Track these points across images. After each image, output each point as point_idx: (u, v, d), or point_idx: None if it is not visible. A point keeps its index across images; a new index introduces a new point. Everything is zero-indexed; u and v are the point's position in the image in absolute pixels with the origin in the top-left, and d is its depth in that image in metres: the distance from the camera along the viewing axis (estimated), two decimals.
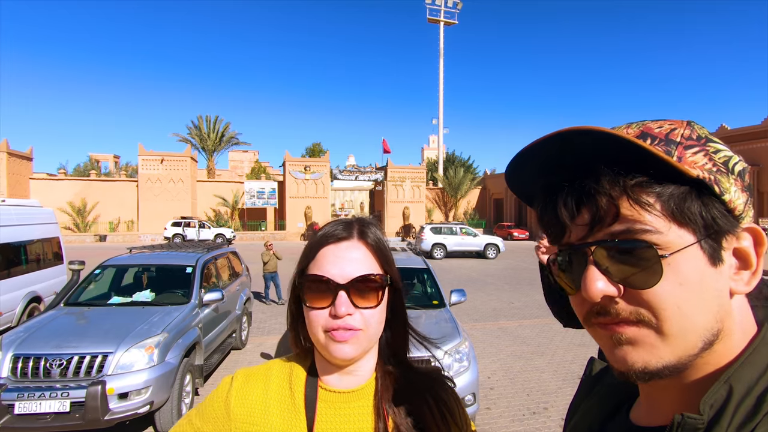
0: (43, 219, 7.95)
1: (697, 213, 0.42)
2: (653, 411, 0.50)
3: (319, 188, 33.49)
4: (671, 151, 0.44)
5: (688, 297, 0.42)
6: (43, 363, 3.71)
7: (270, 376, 0.83)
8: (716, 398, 0.41)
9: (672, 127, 0.46)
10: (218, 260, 6.46)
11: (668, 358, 0.43)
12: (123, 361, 3.82)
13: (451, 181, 36.78)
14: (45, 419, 3.51)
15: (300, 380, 0.82)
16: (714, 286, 0.43)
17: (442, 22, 43.61)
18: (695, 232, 0.43)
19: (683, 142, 0.45)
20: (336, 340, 0.74)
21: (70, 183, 31.44)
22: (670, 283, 0.42)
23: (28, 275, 7.19)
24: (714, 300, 0.43)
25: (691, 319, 0.42)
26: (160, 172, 31.24)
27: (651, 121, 0.48)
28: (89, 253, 14.36)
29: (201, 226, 27.07)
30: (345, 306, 0.74)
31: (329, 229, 0.82)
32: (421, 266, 5.52)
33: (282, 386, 0.81)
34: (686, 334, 0.42)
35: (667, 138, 0.45)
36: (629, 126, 0.48)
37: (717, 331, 0.43)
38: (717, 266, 0.43)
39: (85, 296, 5.16)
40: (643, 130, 0.46)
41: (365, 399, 0.80)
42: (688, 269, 0.42)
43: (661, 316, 0.42)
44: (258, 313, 8.90)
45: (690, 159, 0.44)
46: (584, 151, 0.44)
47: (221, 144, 38.47)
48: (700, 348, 0.43)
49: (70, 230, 29.39)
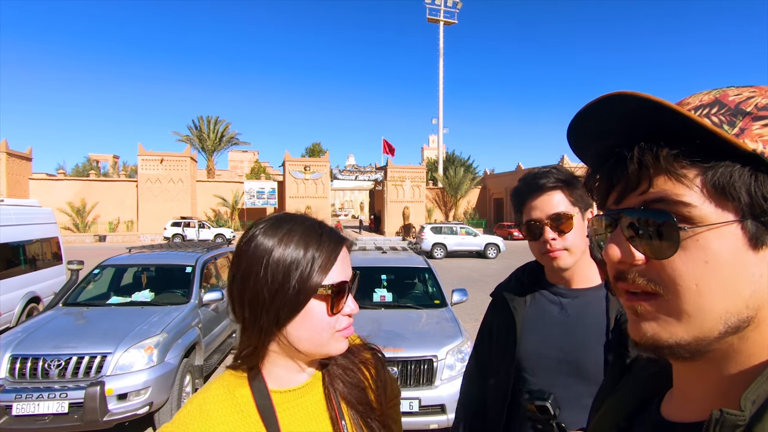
0: (42, 219, 7.91)
1: (743, 190, 0.39)
2: (687, 405, 0.47)
3: (319, 188, 33.46)
4: (735, 121, 0.41)
5: (711, 276, 0.39)
6: (42, 363, 3.67)
7: (206, 411, 0.75)
8: (759, 393, 0.38)
9: (751, 94, 0.43)
10: (218, 260, 6.43)
11: (681, 335, 0.41)
12: (122, 362, 3.78)
13: (451, 180, 36.75)
14: (43, 420, 3.47)
15: (247, 397, 0.77)
16: (749, 270, 0.40)
17: (442, 21, 43.59)
18: (737, 210, 0.39)
19: (754, 113, 0.41)
20: (344, 336, 0.81)
21: (70, 183, 31.39)
22: (692, 258, 0.40)
23: (26, 275, 7.15)
24: (746, 285, 0.40)
25: (709, 299, 0.40)
26: (159, 172, 31.20)
27: (734, 88, 0.44)
28: (88, 253, 14.32)
29: (201, 227, 27.03)
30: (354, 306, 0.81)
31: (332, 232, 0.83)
32: (422, 266, 5.49)
33: (227, 414, 0.75)
34: (703, 314, 0.40)
35: (737, 107, 0.42)
36: (708, 93, 0.45)
37: (747, 318, 0.40)
38: (759, 250, 0.40)
39: (84, 296, 5.12)
40: (717, 97, 0.43)
41: (316, 388, 0.84)
42: (719, 248, 0.39)
43: (675, 290, 0.41)
44: None
45: (756, 131, 0.40)
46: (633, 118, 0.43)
47: (221, 144, 38.45)
48: (722, 332, 0.40)
49: (70, 230, 29.33)
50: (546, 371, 1.21)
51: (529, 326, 1.26)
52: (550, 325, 1.24)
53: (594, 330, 1.19)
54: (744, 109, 0.41)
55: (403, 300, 5.14)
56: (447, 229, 21.13)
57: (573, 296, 1.25)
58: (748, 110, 0.41)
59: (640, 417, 0.54)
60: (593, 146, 0.48)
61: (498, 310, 1.37)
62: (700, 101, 0.44)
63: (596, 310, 1.21)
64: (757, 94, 0.43)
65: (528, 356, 1.24)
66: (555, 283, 1.29)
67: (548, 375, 1.21)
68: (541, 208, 1.21)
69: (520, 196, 1.26)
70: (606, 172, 0.46)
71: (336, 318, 0.78)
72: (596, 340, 1.18)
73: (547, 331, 1.24)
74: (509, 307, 1.30)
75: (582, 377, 1.17)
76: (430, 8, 43.20)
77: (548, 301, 1.28)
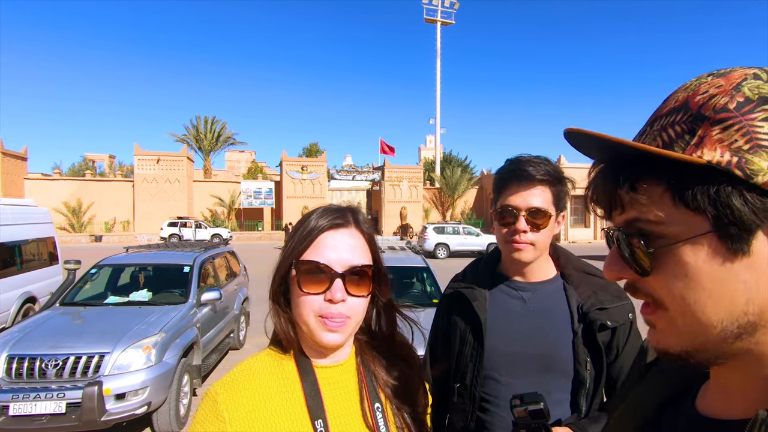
0: (38, 219, 7.87)
1: (706, 203, 0.38)
2: (727, 401, 0.46)
3: (316, 188, 33.44)
4: (696, 129, 0.40)
5: (695, 288, 0.40)
6: (39, 363, 3.65)
7: (256, 374, 0.81)
8: None
9: (716, 91, 0.41)
10: (216, 260, 6.41)
11: (685, 343, 0.42)
12: (120, 362, 3.76)
13: (448, 180, 36.79)
14: (40, 420, 3.45)
15: (291, 367, 0.83)
16: (735, 277, 0.39)
17: (439, 22, 43.65)
18: (705, 222, 0.39)
19: (711, 117, 0.40)
20: (327, 328, 0.78)
21: (65, 183, 31.24)
22: (672, 273, 0.41)
23: (22, 275, 7.10)
24: (734, 292, 0.39)
25: (699, 310, 0.40)
26: (156, 172, 31.09)
27: (707, 79, 0.43)
28: (85, 253, 14.23)
29: (197, 226, 26.97)
30: (341, 293, 0.77)
31: (326, 214, 0.83)
32: (421, 265, 5.51)
33: (273, 380, 0.81)
34: (697, 323, 0.40)
35: (698, 112, 0.41)
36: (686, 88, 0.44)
37: (749, 323, 0.39)
38: (740, 257, 0.39)
39: (81, 296, 5.10)
40: (688, 96, 0.43)
41: (353, 369, 0.88)
42: (696, 260, 0.39)
43: (665, 303, 0.42)
44: (256, 312, 8.84)
45: (716, 137, 0.39)
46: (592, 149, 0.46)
47: (218, 144, 38.34)
48: (725, 338, 0.40)
49: (65, 230, 29.16)
50: (516, 368, 1.19)
51: (493, 323, 1.23)
52: (515, 320, 1.22)
53: (559, 321, 1.19)
54: (704, 114, 0.40)
55: (402, 299, 5.14)
56: (449, 229, 21.23)
57: (533, 289, 1.24)
58: (707, 115, 0.40)
59: (672, 409, 0.52)
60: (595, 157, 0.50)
61: (457, 311, 1.31)
62: (675, 103, 0.44)
63: (558, 302, 1.21)
64: (721, 90, 0.41)
65: (495, 354, 1.21)
66: (512, 277, 1.27)
67: (518, 372, 1.19)
68: (524, 198, 1.17)
69: (505, 178, 1.22)
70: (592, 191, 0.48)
71: (311, 299, 0.78)
72: (563, 331, 1.18)
73: (514, 327, 1.21)
74: (471, 304, 1.25)
75: (551, 370, 1.17)
76: (427, 8, 43.26)
77: (508, 296, 1.25)
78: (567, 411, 1.16)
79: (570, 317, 1.18)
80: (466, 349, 1.26)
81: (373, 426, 0.83)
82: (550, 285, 1.24)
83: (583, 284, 1.22)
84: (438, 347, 1.38)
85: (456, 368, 1.27)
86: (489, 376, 1.22)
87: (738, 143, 0.38)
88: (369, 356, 0.90)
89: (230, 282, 6.70)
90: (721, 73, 0.43)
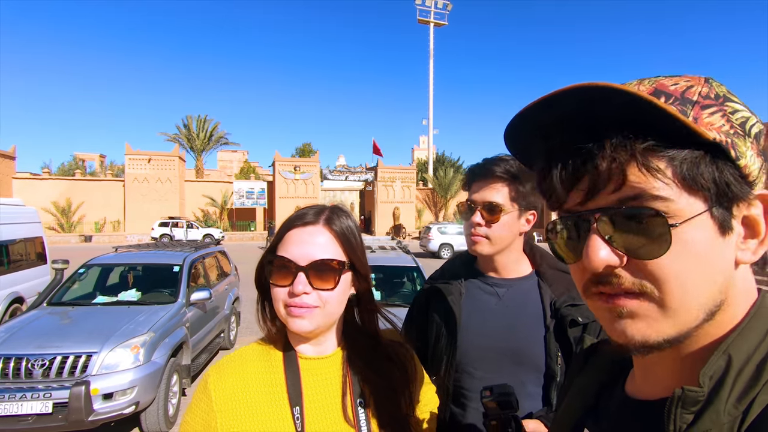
0: (26, 218, 7.78)
1: (710, 179, 0.39)
2: (650, 383, 0.48)
3: (309, 188, 33.37)
4: (687, 111, 0.40)
5: (694, 268, 0.40)
6: (25, 363, 3.61)
7: (245, 359, 0.90)
8: (715, 369, 0.40)
9: (689, 84, 0.42)
10: (206, 259, 6.39)
11: (668, 331, 0.41)
12: (108, 361, 3.74)
13: (441, 181, 36.90)
14: (27, 421, 3.42)
15: (278, 356, 0.90)
16: (721, 256, 0.41)
17: (432, 23, 43.78)
18: (707, 200, 0.40)
19: (700, 101, 0.41)
20: (293, 315, 0.83)
21: (55, 182, 30.87)
22: (676, 254, 0.39)
23: (9, 275, 7.01)
24: (719, 270, 0.41)
25: (694, 291, 0.40)
26: (147, 171, 30.83)
27: (665, 77, 0.44)
28: (74, 253, 14.05)
29: (189, 227, 26.78)
30: (302, 285, 0.82)
31: (299, 213, 0.89)
32: (411, 264, 5.53)
33: (260, 365, 0.89)
34: (689, 306, 0.40)
35: (682, 96, 0.41)
36: (641, 82, 0.44)
37: (720, 302, 0.41)
38: (726, 235, 0.40)
39: (69, 296, 5.06)
40: (656, 87, 0.42)
41: (338, 364, 0.92)
42: (697, 239, 0.39)
43: (664, 288, 0.40)
44: (247, 313, 8.81)
45: (707, 120, 0.40)
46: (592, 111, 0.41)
47: (210, 144, 38.11)
48: (702, 320, 0.41)
49: (54, 230, 28.81)
50: (488, 362, 1.23)
51: (467, 318, 1.26)
52: (489, 316, 1.25)
53: (531, 317, 1.22)
54: (690, 98, 0.41)
55: (392, 298, 5.16)
56: (453, 230, 21.41)
57: (508, 286, 1.28)
58: (695, 99, 0.41)
59: (607, 395, 0.55)
60: (542, 144, 0.46)
61: (433, 305, 1.35)
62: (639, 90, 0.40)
63: (531, 298, 1.25)
64: (693, 82, 0.43)
65: (468, 348, 1.24)
66: (487, 273, 1.31)
67: (491, 366, 1.22)
68: (481, 193, 1.24)
69: (469, 175, 1.30)
70: (570, 170, 0.43)
71: (279, 291, 0.84)
72: (535, 326, 1.21)
73: (487, 322, 1.25)
74: (446, 300, 1.29)
75: (524, 364, 1.20)
76: (421, 9, 43.41)
77: (483, 292, 1.29)
78: (539, 404, 1.19)
79: (543, 313, 1.22)
80: (441, 343, 1.29)
81: (353, 420, 0.86)
82: (526, 282, 1.28)
83: (556, 281, 1.25)
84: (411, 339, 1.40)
85: (431, 361, 1.30)
86: (463, 369, 1.25)
87: (725, 127, 0.40)
88: (355, 352, 0.93)
89: (221, 282, 6.67)
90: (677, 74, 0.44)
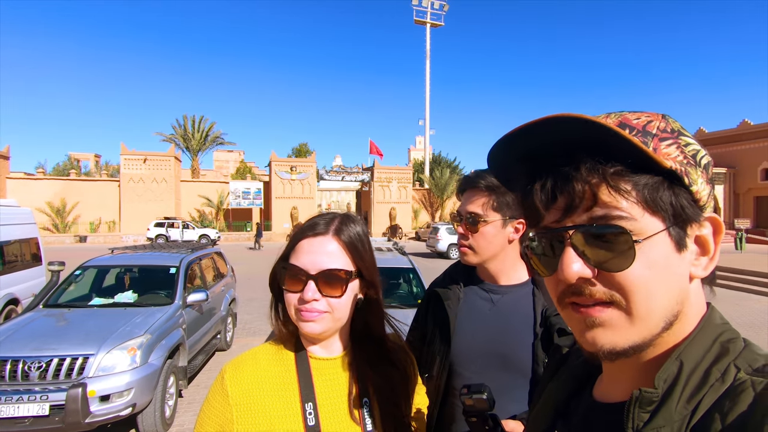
0: (20, 219, 7.74)
1: (667, 202, 0.45)
2: (614, 387, 0.54)
3: (305, 189, 33.29)
4: (648, 142, 0.47)
5: (656, 280, 0.45)
6: (21, 366, 3.61)
7: (258, 358, 0.95)
8: (669, 373, 0.45)
9: (649, 119, 0.49)
10: (203, 261, 6.38)
11: (634, 338, 0.46)
12: (104, 363, 3.74)
13: (437, 181, 36.94)
14: (23, 423, 3.42)
15: (289, 356, 0.95)
16: (678, 270, 0.47)
17: (429, 23, 43.77)
18: (665, 220, 0.46)
19: (658, 134, 0.48)
20: (303, 319, 0.88)
21: (49, 182, 30.62)
22: (640, 267, 0.45)
23: (4, 277, 6.98)
24: (677, 284, 0.47)
25: (656, 301, 0.45)
26: (143, 171, 30.67)
27: (629, 113, 0.50)
28: (69, 254, 13.99)
29: (185, 227, 26.65)
30: (312, 293, 0.87)
31: (311, 222, 0.94)
32: (407, 266, 5.56)
33: (272, 364, 0.94)
34: (652, 315, 0.46)
35: (644, 129, 0.48)
36: (608, 116, 0.50)
37: (677, 313, 0.47)
38: (681, 252, 0.47)
39: (65, 298, 5.05)
40: (622, 120, 0.49)
41: (345, 365, 0.96)
42: (657, 254, 0.45)
43: (631, 298, 0.45)
44: (243, 314, 8.81)
45: (664, 151, 0.47)
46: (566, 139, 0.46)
47: (206, 144, 37.95)
48: (662, 328, 0.46)
49: (49, 231, 28.61)
50: (477, 364, 1.26)
51: (461, 322, 1.31)
52: (481, 320, 1.29)
53: (522, 324, 1.25)
54: (650, 131, 0.48)
55: (388, 300, 5.15)
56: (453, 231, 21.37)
57: (502, 292, 1.31)
58: (654, 132, 0.48)
59: (576, 400, 0.60)
60: (523, 167, 0.51)
61: (432, 307, 1.40)
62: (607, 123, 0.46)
63: (524, 305, 1.28)
64: (653, 118, 0.49)
65: (460, 351, 1.29)
66: (484, 280, 1.35)
67: (479, 368, 1.26)
68: (464, 204, 1.29)
69: (459, 187, 1.35)
70: (547, 190, 0.48)
71: (291, 296, 0.90)
72: (524, 333, 1.24)
73: (478, 326, 1.29)
74: (443, 304, 1.34)
75: (511, 369, 1.23)
76: (417, 10, 43.35)
77: (479, 297, 1.33)
78: (525, 407, 1.22)
79: (534, 320, 1.25)
80: (435, 344, 1.34)
81: (359, 419, 0.92)
82: (521, 289, 1.31)
83: None
84: (416, 337, 1.46)
85: (426, 360, 1.35)
86: (455, 370, 1.30)
87: (679, 158, 0.47)
88: (361, 355, 0.98)
89: (217, 283, 6.67)
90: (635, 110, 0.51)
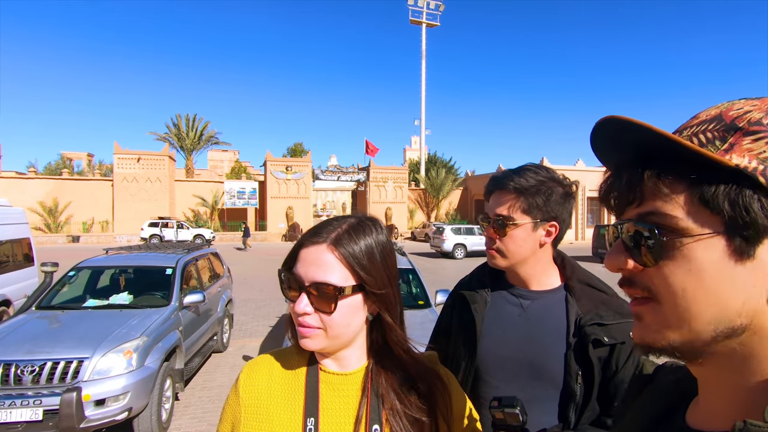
0: (12, 219, 7.62)
1: (726, 204, 0.41)
2: (712, 413, 0.48)
3: (300, 188, 33.20)
4: (727, 137, 0.43)
5: (696, 284, 0.42)
6: (14, 369, 3.53)
7: (274, 362, 0.93)
8: None
9: (751, 108, 0.45)
10: (199, 261, 6.32)
11: (672, 337, 0.44)
12: (100, 367, 3.67)
13: (433, 181, 36.98)
14: (16, 428, 3.35)
15: (302, 366, 0.91)
16: (737, 280, 0.41)
17: (424, 23, 43.81)
18: (722, 223, 0.41)
19: (745, 128, 0.43)
20: (299, 334, 0.84)
21: (41, 182, 30.30)
22: (677, 267, 0.43)
23: None
24: (732, 293, 0.41)
25: (695, 305, 0.42)
26: (136, 171, 30.42)
27: (742, 100, 0.47)
28: (62, 254, 13.84)
29: (179, 227, 26.50)
30: (303, 305, 0.81)
31: (316, 227, 0.87)
32: (407, 267, 5.52)
33: (285, 371, 0.91)
34: (690, 318, 0.43)
35: (732, 123, 0.44)
36: (718, 107, 0.48)
37: (740, 325, 0.41)
38: (745, 261, 0.41)
39: (59, 299, 4.96)
40: (721, 111, 0.46)
41: (359, 382, 0.89)
42: (703, 258, 0.42)
43: (663, 296, 0.44)
44: (240, 315, 8.75)
45: (746, 146, 0.42)
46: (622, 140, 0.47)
47: (200, 143, 37.72)
48: (713, 337, 0.42)
49: (41, 231, 28.32)
50: (505, 372, 1.20)
51: (489, 326, 1.24)
52: (511, 326, 1.23)
53: (554, 332, 1.19)
54: (737, 124, 0.44)
55: None
56: (466, 230, 21.52)
57: (533, 298, 1.25)
58: (741, 126, 0.43)
59: (666, 424, 0.54)
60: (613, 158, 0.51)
61: (457, 310, 1.34)
62: (706, 116, 0.47)
63: (556, 313, 1.21)
64: (756, 107, 0.44)
65: (487, 357, 1.22)
66: (514, 284, 1.28)
67: (507, 376, 1.20)
68: (492, 206, 1.23)
69: (487, 188, 1.29)
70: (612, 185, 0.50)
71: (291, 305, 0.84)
72: (556, 342, 1.17)
73: (508, 332, 1.22)
74: (470, 306, 1.28)
75: (542, 379, 1.17)
76: (413, 10, 43.36)
77: (508, 302, 1.27)
78: (555, 420, 1.16)
79: (567, 329, 1.18)
80: (460, 348, 1.28)
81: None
82: (553, 295, 1.24)
83: (584, 297, 1.21)
84: (440, 339, 1.40)
85: (450, 365, 1.28)
86: (480, 377, 1.24)
87: (766, 154, 0.41)
88: (379, 374, 0.88)
89: (213, 284, 6.61)
90: (756, 97, 0.47)
